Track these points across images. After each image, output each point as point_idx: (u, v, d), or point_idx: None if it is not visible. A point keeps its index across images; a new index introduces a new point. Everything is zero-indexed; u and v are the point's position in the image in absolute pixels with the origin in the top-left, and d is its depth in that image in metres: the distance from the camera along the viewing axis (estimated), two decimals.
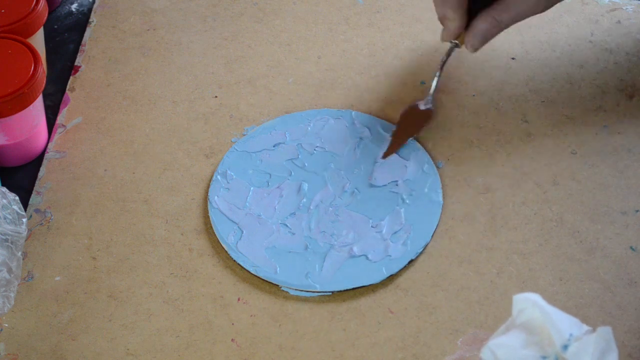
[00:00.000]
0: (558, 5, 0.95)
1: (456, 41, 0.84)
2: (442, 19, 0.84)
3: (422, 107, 0.86)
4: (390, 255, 0.79)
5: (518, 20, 0.81)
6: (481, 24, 0.81)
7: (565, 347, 0.59)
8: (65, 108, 0.91)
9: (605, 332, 0.58)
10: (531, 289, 0.77)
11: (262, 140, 0.87)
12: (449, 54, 0.85)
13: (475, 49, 0.83)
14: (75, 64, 0.94)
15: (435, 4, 0.84)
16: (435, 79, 0.86)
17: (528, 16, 0.81)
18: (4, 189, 0.77)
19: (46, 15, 0.88)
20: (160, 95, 0.92)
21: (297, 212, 0.82)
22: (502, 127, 0.87)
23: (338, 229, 0.81)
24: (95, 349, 0.76)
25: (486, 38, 0.82)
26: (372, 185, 0.83)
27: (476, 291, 0.77)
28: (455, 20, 0.82)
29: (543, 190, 0.83)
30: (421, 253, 0.80)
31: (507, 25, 0.81)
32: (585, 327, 0.60)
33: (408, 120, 0.86)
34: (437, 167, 0.84)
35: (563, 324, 0.60)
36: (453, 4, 0.81)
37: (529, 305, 0.61)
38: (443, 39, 0.84)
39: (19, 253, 0.76)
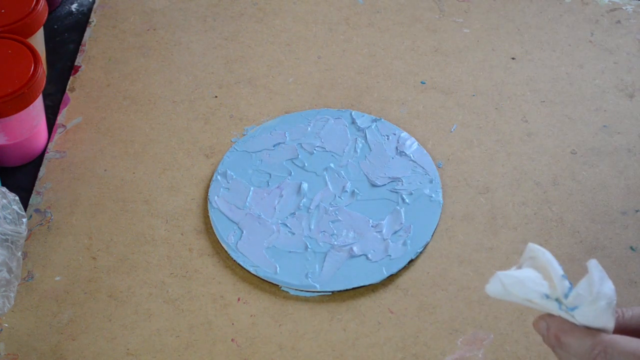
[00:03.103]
0: (558, 5, 0.95)
1: None
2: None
3: None
4: (390, 255, 0.79)
5: None
6: None
7: (566, 296, 0.59)
8: (65, 108, 0.91)
9: (592, 265, 0.59)
10: None
11: (262, 140, 0.87)
12: None
13: None
14: (75, 64, 0.94)
15: None
16: None
17: None
18: (4, 189, 0.77)
19: (46, 15, 0.88)
20: (160, 95, 0.92)
21: (297, 212, 0.82)
22: (502, 127, 0.87)
23: (338, 229, 0.81)
24: (95, 349, 0.76)
25: None
26: (372, 185, 0.83)
27: (476, 291, 0.77)
28: None
29: (543, 190, 0.83)
30: (421, 253, 0.80)
31: None
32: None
33: None
34: (437, 167, 0.84)
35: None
36: None
37: (540, 254, 0.61)
38: None
39: (19, 253, 0.76)
